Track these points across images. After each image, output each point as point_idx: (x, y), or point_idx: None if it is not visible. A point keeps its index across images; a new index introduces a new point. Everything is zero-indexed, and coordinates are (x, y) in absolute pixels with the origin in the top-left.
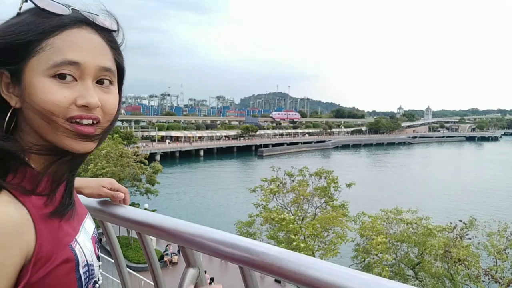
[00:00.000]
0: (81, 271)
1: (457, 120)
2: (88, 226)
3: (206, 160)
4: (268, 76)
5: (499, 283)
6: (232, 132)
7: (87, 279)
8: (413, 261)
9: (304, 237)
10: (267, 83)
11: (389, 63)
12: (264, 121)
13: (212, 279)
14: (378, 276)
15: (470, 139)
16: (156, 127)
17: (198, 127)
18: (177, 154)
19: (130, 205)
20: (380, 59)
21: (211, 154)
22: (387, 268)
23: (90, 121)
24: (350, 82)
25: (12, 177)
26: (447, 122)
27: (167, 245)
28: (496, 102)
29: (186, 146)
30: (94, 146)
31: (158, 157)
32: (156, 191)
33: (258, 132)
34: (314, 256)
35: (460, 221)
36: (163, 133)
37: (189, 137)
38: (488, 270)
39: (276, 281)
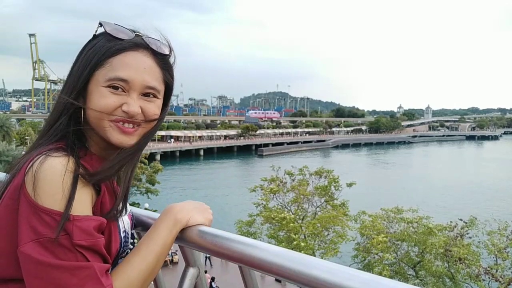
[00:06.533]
0: (122, 235)
1: (457, 119)
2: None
3: (206, 159)
4: (268, 75)
5: (500, 282)
6: (232, 132)
7: (124, 245)
8: (413, 260)
9: (305, 236)
10: (267, 82)
11: (389, 62)
12: (264, 120)
13: (213, 279)
14: (378, 276)
15: (470, 138)
16: None
17: (198, 127)
18: (177, 154)
19: (130, 205)
20: (380, 58)
21: (211, 153)
22: (387, 267)
23: (131, 126)
24: (350, 81)
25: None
26: (447, 121)
27: None
28: (496, 101)
29: (186, 146)
30: (132, 142)
31: (158, 157)
32: (157, 190)
33: (258, 132)
34: (314, 256)
35: (461, 220)
36: (163, 133)
37: (189, 136)
38: (488, 269)
39: (277, 280)
